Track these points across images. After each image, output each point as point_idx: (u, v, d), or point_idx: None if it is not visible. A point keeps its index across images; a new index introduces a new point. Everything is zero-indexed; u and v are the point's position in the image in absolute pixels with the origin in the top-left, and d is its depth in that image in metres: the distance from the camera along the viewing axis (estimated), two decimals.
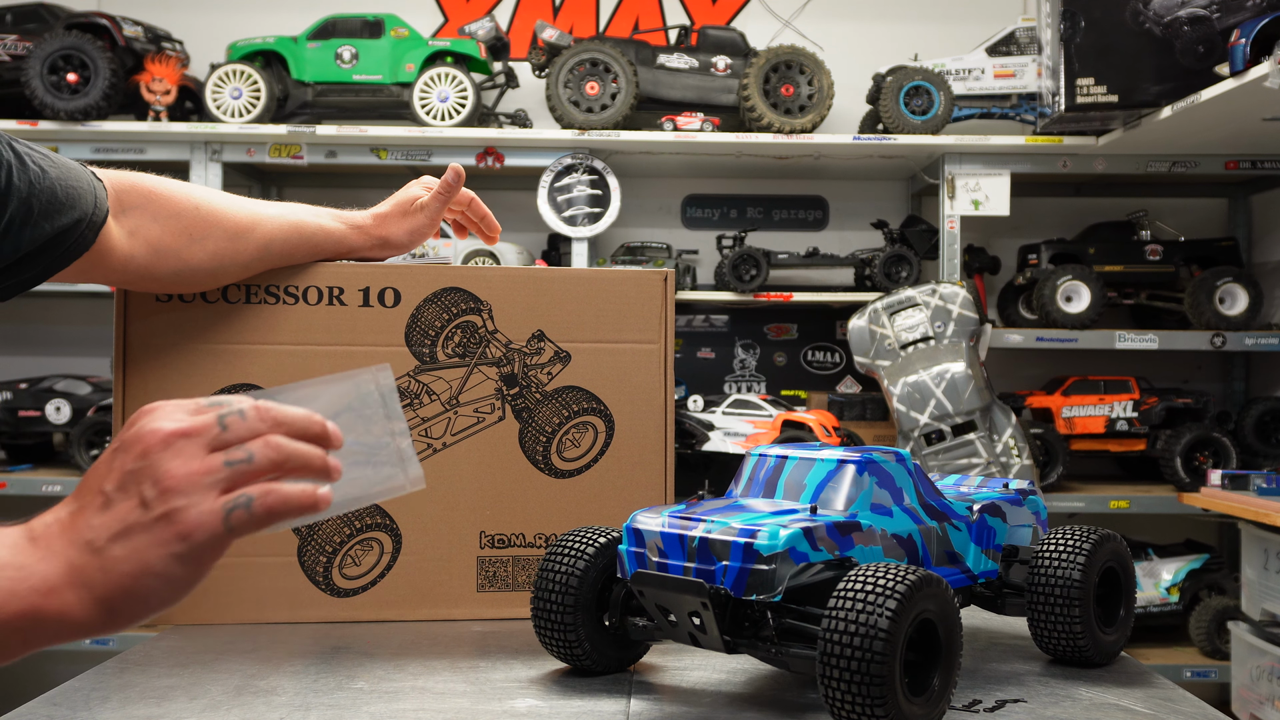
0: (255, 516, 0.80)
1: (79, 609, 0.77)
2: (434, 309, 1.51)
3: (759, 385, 4.42)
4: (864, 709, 0.94)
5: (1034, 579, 1.22)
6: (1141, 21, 3.38)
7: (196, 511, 0.78)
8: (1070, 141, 3.65)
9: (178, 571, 0.78)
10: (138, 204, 1.31)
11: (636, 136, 3.73)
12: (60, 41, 3.61)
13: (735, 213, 4.44)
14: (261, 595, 1.48)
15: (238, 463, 0.80)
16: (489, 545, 1.52)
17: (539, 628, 1.20)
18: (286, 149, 3.77)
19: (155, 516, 0.78)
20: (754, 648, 1.07)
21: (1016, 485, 1.34)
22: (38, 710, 1.12)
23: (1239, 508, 3.10)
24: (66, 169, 1.20)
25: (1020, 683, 1.19)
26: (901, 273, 3.80)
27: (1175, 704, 1.13)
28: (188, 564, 0.79)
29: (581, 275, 1.56)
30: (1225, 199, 4.33)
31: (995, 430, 3.48)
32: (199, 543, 0.78)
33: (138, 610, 0.79)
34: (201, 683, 1.21)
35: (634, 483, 1.54)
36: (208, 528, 0.78)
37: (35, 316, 4.30)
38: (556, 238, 4.08)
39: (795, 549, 1.04)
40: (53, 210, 1.16)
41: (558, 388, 1.53)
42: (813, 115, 3.74)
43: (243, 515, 0.79)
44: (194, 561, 0.79)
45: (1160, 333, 3.75)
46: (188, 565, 0.79)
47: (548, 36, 3.76)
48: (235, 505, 0.79)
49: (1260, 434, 3.83)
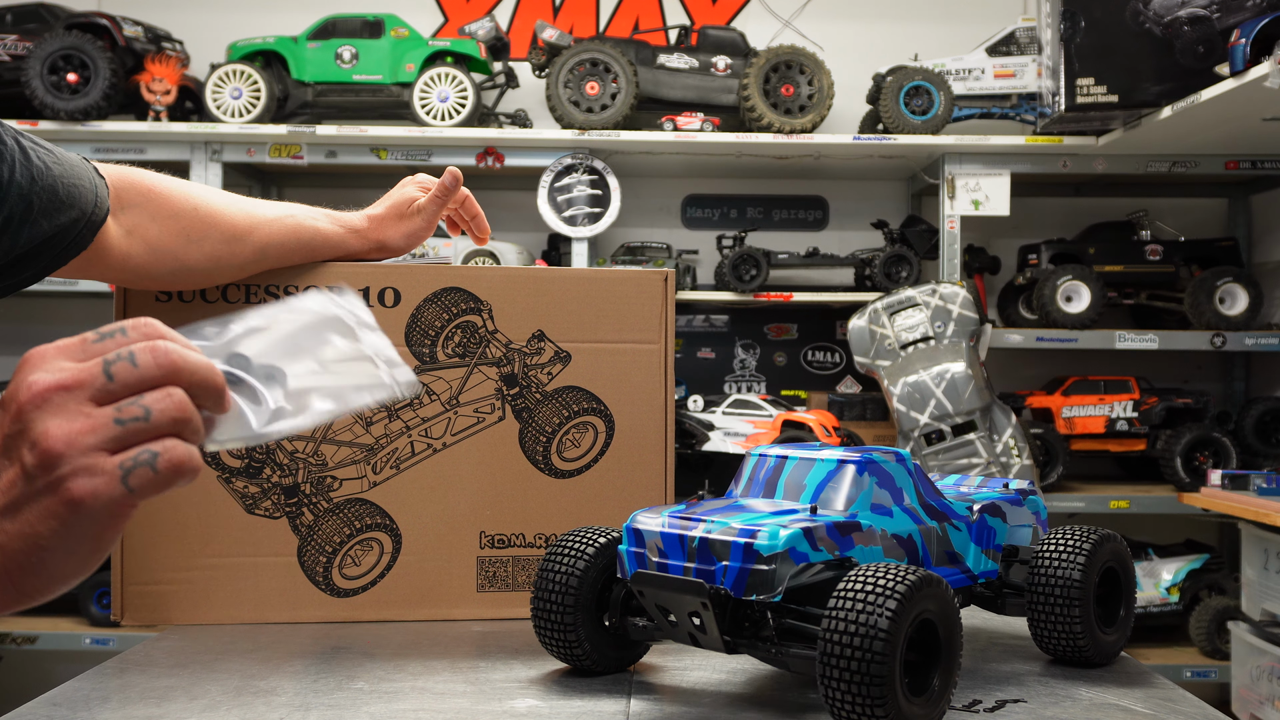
0: (162, 475, 0.70)
1: None
2: (434, 309, 1.51)
3: (759, 385, 4.42)
4: (864, 709, 0.94)
5: (1034, 579, 1.22)
6: (1141, 21, 3.38)
7: (87, 478, 0.68)
8: (1070, 141, 3.65)
9: (76, 544, 0.70)
10: (137, 202, 1.31)
11: (636, 136, 3.73)
12: (60, 41, 3.61)
13: (735, 213, 4.44)
14: (261, 595, 1.48)
15: (130, 421, 0.70)
16: (489, 545, 1.52)
17: (539, 628, 1.20)
18: (286, 149, 3.77)
19: (39, 487, 0.69)
20: (754, 648, 1.07)
21: (1016, 485, 1.34)
22: (38, 710, 1.12)
23: (1239, 508, 3.10)
24: (70, 165, 1.20)
25: (1020, 683, 1.19)
26: (901, 273, 3.80)
27: (1175, 704, 1.13)
28: (85, 535, 0.70)
29: (581, 275, 1.56)
30: (1225, 199, 4.33)
31: (995, 430, 3.48)
32: (94, 510, 0.69)
33: (45, 585, 0.71)
34: (201, 683, 1.21)
35: (634, 483, 1.54)
36: (102, 494, 0.68)
37: (35, 316, 4.30)
38: (556, 238, 4.08)
39: (795, 549, 1.04)
40: (52, 208, 1.15)
41: (558, 388, 1.53)
42: (813, 115, 3.74)
43: (147, 474, 0.70)
44: (92, 532, 0.70)
45: (1160, 333, 3.75)
46: (86, 536, 0.70)
47: (548, 36, 3.76)
48: (136, 464, 0.69)
49: (1260, 434, 3.82)
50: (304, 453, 1.49)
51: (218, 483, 1.48)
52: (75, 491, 0.68)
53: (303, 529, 1.49)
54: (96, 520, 0.69)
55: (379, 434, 1.50)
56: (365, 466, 1.50)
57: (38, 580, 0.70)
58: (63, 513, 0.69)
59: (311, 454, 1.49)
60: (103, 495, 0.69)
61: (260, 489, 1.48)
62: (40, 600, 0.72)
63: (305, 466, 1.49)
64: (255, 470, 1.48)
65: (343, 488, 1.50)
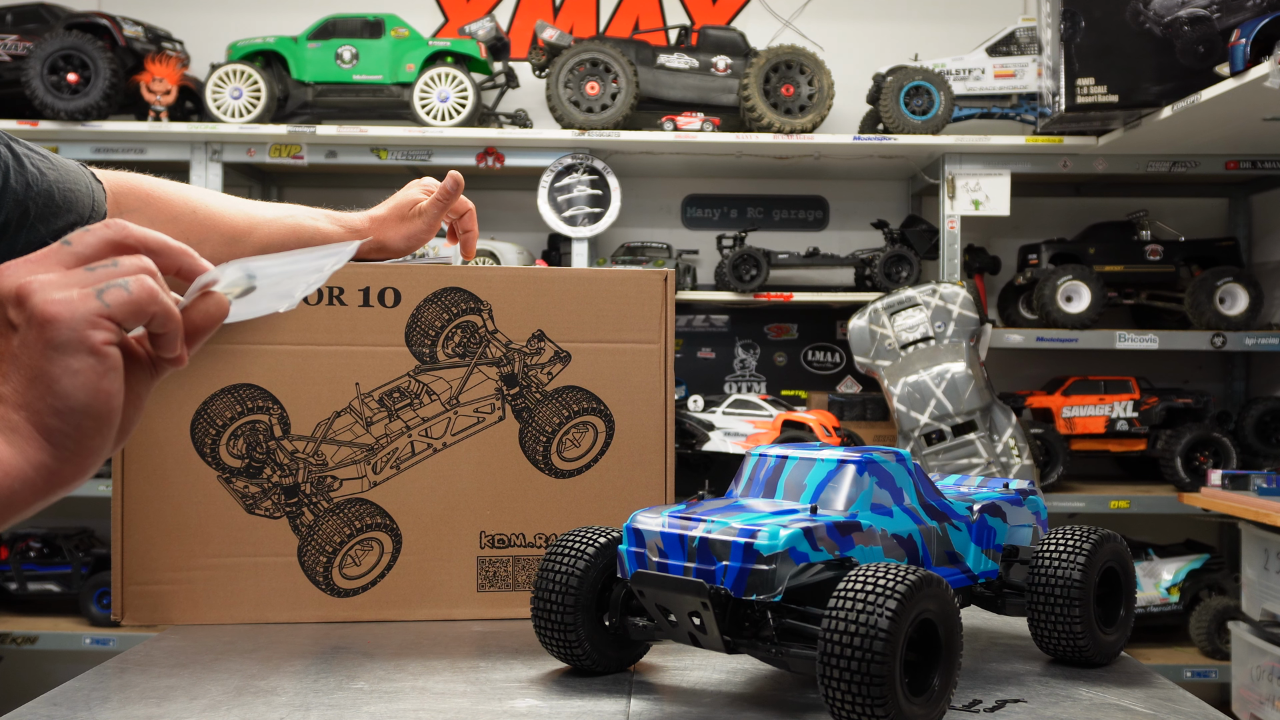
0: (135, 296, 0.72)
1: (16, 454, 0.71)
2: (434, 309, 1.51)
3: (759, 385, 4.42)
4: (864, 709, 0.94)
5: (1034, 579, 1.22)
6: (1142, 21, 3.38)
7: (61, 297, 0.70)
8: (1070, 141, 3.65)
9: (77, 363, 0.70)
10: (135, 207, 1.31)
11: (637, 136, 3.73)
12: (60, 41, 3.61)
13: (735, 213, 4.44)
14: (261, 595, 1.48)
15: (101, 267, 0.72)
16: (489, 545, 1.52)
17: (539, 628, 1.20)
18: (287, 149, 3.77)
19: (24, 329, 0.70)
20: (754, 648, 1.07)
21: (1016, 485, 1.34)
22: (38, 710, 1.12)
23: (1239, 508, 3.10)
24: (65, 171, 1.20)
25: (1020, 683, 1.19)
26: (902, 273, 3.80)
27: (1175, 704, 1.13)
28: (79, 350, 0.70)
29: (582, 275, 1.56)
30: (1225, 199, 4.33)
31: (995, 430, 3.48)
32: (76, 323, 0.70)
33: (73, 425, 0.72)
34: (201, 683, 1.21)
35: (634, 483, 1.54)
36: (77, 307, 0.70)
37: None
38: (556, 238, 4.08)
39: (795, 549, 1.04)
40: (49, 213, 1.15)
41: (558, 388, 1.53)
42: (813, 115, 3.74)
43: (121, 294, 0.71)
44: (85, 345, 0.70)
45: (1160, 333, 3.75)
46: (80, 352, 0.70)
47: (548, 36, 3.76)
48: (110, 285, 0.71)
49: (1260, 434, 3.82)
50: (304, 453, 1.49)
51: (218, 483, 1.48)
52: (51, 311, 0.70)
53: (303, 529, 1.49)
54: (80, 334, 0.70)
55: (379, 434, 1.50)
56: (365, 466, 1.50)
57: (63, 420, 0.71)
58: (47, 335, 0.70)
59: (312, 454, 1.49)
60: (78, 307, 0.70)
61: (260, 489, 1.48)
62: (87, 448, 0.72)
63: (305, 466, 1.49)
64: (255, 470, 1.48)
65: (343, 488, 1.50)
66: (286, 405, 1.49)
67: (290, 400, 1.49)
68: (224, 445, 1.48)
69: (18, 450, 0.71)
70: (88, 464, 0.73)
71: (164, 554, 1.47)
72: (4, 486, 0.71)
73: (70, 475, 0.73)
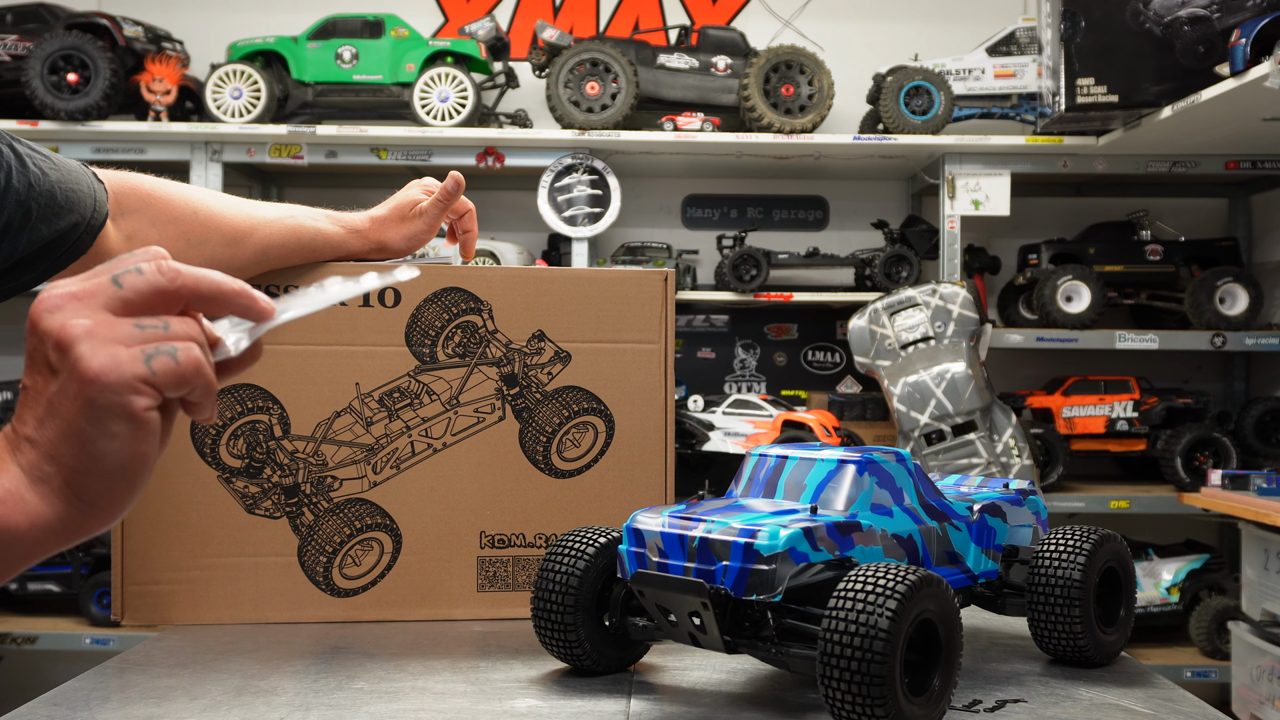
0: (183, 367, 0.71)
1: (45, 506, 0.71)
2: (434, 309, 1.51)
3: (759, 385, 4.42)
4: (864, 709, 0.94)
5: (1034, 579, 1.22)
6: (1142, 21, 3.38)
7: (106, 356, 0.69)
8: (1070, 141, 3.65)
9: (116, 427, 0.70)
10: (136, 207, 1.31)
11: (637, 136, 3.73)
12: (60, 41, 3.61)
13: (735, 213, 4.44)
14: (261, 595, 1.48)
15: (150, 328, 0.71)
16: (489, 545, 1.52)
17: (539, 628, 1.20)
18: (287, 149, 3.77)
19: (65, 378, 0.69)
20: (754, 648, 1.07)
21: (1016, 485, 1.34)
22: (38, 710, 1.12)
23: (1239, 508, 3.10)
24: (67, 171, 1.20)
25: (1020, 683, 1.19)
26: (902, 273, 3.80)
27: (1175, 704, 1.13)
28: (120, 416, 0.70)
29: (582, 275, 1.56)
30: (1225, 199, 4.33)
31: (995, 430, 3.48)
32: (120, 387, 0.69)
33: (106, 486, 0.71)
34: (201, 683, 1.21)
35: (634, 483, 1.54)
36: (125, 371, 0.69)
37: None
38: (556, 238, 4.08)
39: (795, 549, 1.04)
40: (51, 213, 1.15)
41: (558, 388, 1.53)
42: (813, 115, 3.74)
43: (169, 362, 0.71)
44: (126, 411, 0.70)
45: (1160, 333, 3.75)
46: (121, 417, 0.70)
47: (548, 36, 3.76)
48: (158, 352, 0.70)
49: (1260, 434, 3.82)
50: (304, 453, 1.49)
51: (218, 483, 1.48)
52: (95, 367, 0.69)
53: (303, 529, 1.49)
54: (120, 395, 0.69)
55: (379, 434, 1.50)
56: (365, 466, 1.50)
57: (93, 478, 0.71)
58: (89, 393, 0.69)
59: (312, 454, 1.49)
60: (124, 367, 0.69)
61: (260, 489, 1.48)
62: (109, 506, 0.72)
63: (305, 466, 1.49)
64: (255, 470, 1.48)
65: (343, 488, 1.50)
66: (286, 405, 1.49)
67: (290, 400, 1.49)
68: (224, 445, 1.48)
69: (48, 504, 0.71)
70: (114, 518, 0.74)
71: (164, 554, 1.47)
72: (29, 537, 0.71)
73: (95, 528, 0.74)
